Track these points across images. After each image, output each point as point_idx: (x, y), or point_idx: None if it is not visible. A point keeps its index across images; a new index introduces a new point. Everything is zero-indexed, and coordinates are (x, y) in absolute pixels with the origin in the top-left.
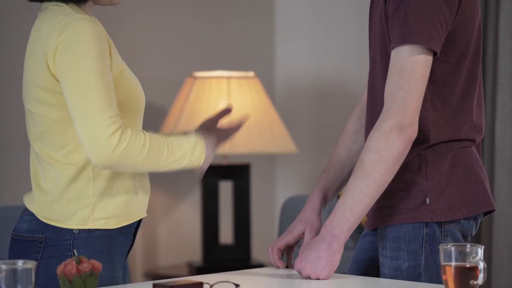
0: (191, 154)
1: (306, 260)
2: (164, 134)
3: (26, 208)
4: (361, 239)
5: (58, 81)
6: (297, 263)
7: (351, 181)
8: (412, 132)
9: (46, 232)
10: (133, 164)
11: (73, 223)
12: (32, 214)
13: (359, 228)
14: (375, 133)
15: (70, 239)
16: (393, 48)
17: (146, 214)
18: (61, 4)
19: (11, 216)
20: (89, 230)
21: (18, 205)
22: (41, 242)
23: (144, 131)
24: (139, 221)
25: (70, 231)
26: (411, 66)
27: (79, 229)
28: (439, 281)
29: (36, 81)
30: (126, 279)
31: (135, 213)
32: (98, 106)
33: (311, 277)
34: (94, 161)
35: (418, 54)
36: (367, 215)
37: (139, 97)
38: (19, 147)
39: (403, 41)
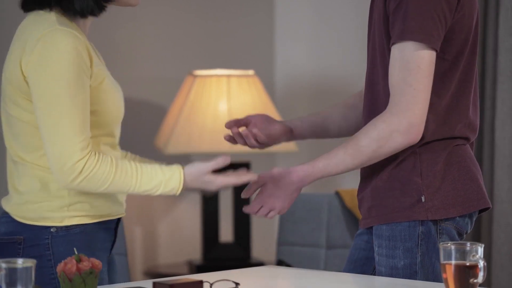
0: (164, 186)
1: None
2: (143, 162)
3: (4, 211)
4: (356, 238)
5: (28, 86)
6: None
7: (341, 156)
8: (418, 132)
9: (24, 233)
10: (98, 189)
11: (50, 222)
12: (9, 216)
13: (355, 227)
14: (382, 124)
15: (49, 238)
16: (394, 43)
17: (124, 214)
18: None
19: None
20: (67, 228)
21: None
22: (20, 243)
23: (113, 158)
24: (119, 218)
25: (48, 230)
26: (417, 63)
27: (56, 227)
28: (435, 279)
29: (11, 82)
30: (114, 274)
31: (112, 213)
32: (67, 131)
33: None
34: (59, 182)
35: (424, 51)
36: (361, 213)
37: (118, 107)
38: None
39: (403, 37)
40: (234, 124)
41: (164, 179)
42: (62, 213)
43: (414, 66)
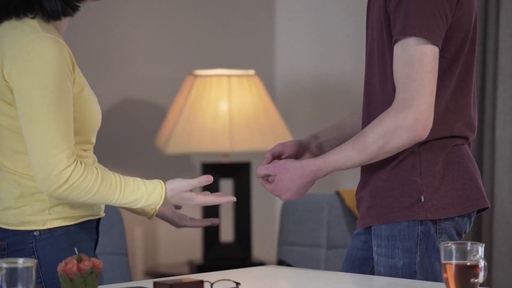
0: (146, 199)
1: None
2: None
3: None
4: (353, 238)
5: (12, 92)
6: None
7: (349, 152)
8: (424, 128)
9: (7, 238)
10: (81, 199)
11: (32, 226)
12: None
13: (356, 227)
14: (387, 120)
15: (32, 241)
16: (396, 41)
17: (104, 214)
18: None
19: None
20: (50, 230)
21: None
22: (4, 249)
23: (98, 169)
24: (99, 218)
25: (31, 234)
26: (420, 59)
27: (39, 231)
28: (434, 278)
29: None
30: (100, 274)
31: (93, 213)
32: (53, 139)
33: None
34: (42, 190)
35: (426, 47)
36: (360, 213)
37: (95, 116)
38: None
39: (405, 33)
40: (271, 159)
41: (146, 193)
42: (44, 216)
43: (417, 61)
